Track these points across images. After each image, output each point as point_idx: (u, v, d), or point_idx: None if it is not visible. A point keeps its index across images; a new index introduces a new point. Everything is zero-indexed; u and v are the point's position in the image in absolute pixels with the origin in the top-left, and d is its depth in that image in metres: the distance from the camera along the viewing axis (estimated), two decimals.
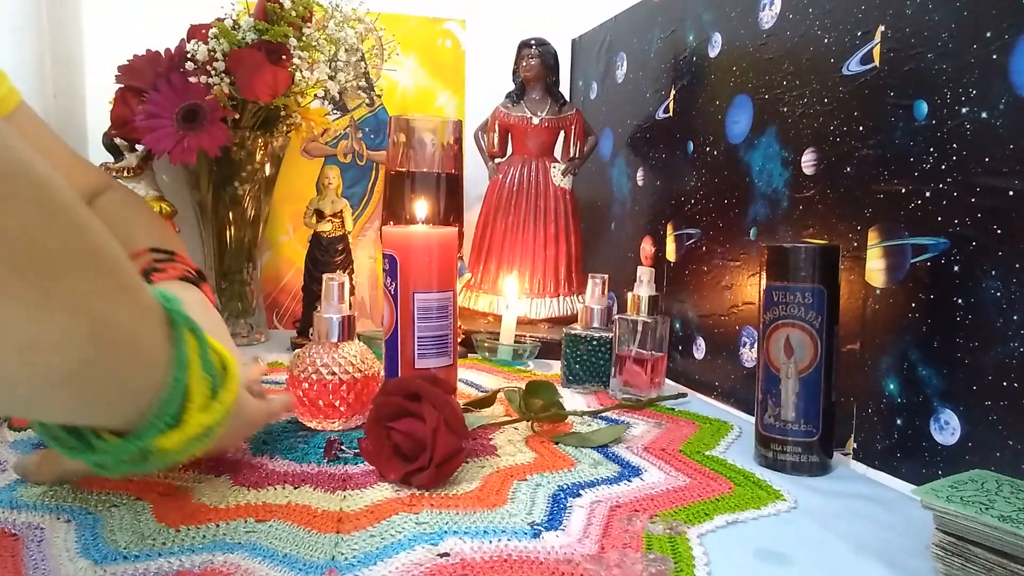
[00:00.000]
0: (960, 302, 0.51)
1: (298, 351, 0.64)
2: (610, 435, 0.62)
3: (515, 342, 0.93)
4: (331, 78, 0.91)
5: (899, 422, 0.56)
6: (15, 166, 0.27)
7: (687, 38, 0.88)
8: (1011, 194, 0.48)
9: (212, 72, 0.85)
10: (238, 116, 0.91)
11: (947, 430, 0.52)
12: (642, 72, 1.00)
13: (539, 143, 1.03)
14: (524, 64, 1.02)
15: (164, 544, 0.41)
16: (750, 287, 0.76)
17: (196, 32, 0.89)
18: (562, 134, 1.04)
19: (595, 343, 0.81)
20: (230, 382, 0.40)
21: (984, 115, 0.49)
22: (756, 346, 0.68)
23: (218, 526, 0.43)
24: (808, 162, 0.67)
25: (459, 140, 0.84)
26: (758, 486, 0.53)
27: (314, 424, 0.62)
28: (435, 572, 0.39)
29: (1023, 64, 0.47)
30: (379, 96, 1.16)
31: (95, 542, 0.41)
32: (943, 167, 0.52)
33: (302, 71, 0.87)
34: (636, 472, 0.55)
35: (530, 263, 1.03)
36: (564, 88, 1.09)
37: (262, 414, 0.54)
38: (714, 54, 0.82)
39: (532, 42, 1.02)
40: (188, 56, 0.85)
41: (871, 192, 0.59)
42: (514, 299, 0.98)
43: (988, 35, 0.49)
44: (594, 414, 0.70)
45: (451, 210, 0.82)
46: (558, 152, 1.06)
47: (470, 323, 1.02)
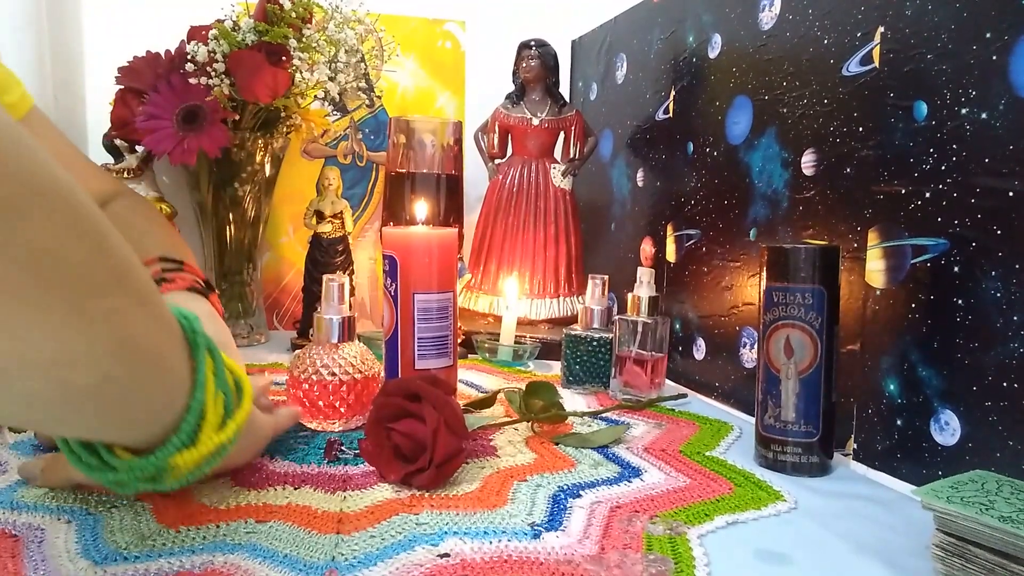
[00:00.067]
0: (960, 303, 0.51)
1: (298, 352, 0.64)
2: (610, 436, 0.62)
3: (515, 343, 0.93)
4: (331, 79, 0.91)
5: (899, 423, 0.56)
6: (44, 180, 0.27)
7: (687, 39, 0.88)
8: (1011, 195, 0.48)
9: (212, 73, 0.85)
10: (238, 117, 0.91)
11: (947, 431, 0.52)
12: (642, 73, 1.00)
13: (539, 144, 1.03)
14: (524, 65, 1.02)
15: (164, 545, 0.41)
16: (750, 288, 0.76)
17: (196, 33, 0.89)
18: (562, 135, 1.04)
19: (595, 344, 0.81)
20: (244, 401, 0.41)
21: (984, 116, 0.50)
22: (756, 347, 0.68)
23: (218, 527, 0.43)
24: (808, 163, 0.67)
25: (459, 141, 0.84)
26: (758, 487, 0.53)
27: (314, 425, 0.62)
28: (435, 573, 0.39)
29: (1023, 65, 0.47)
30: (379, 97, 1.16)
31: (95, 543, 0.41)
32: (943, 168, 0.52)
33: (302, 72, 0.87)
34: (636, 473, 0.55)
35: (530, 264, 1.03)
36: (564, 89, 1.09)
37: (270, 428, 0.54)
38: (714, 55, 0.82)
39: (532, 43, 1.02)
40: (188, 57, 0.85)
41: (871, 193, 0.59)
42: (514, 300, 0.98)
43: (988, 36, 0.49)
44: (594, 415, 0.70)
45: (451, 211, 0.82)
46: (558, 153, 1.06)
47: (470, 324, 1.02)
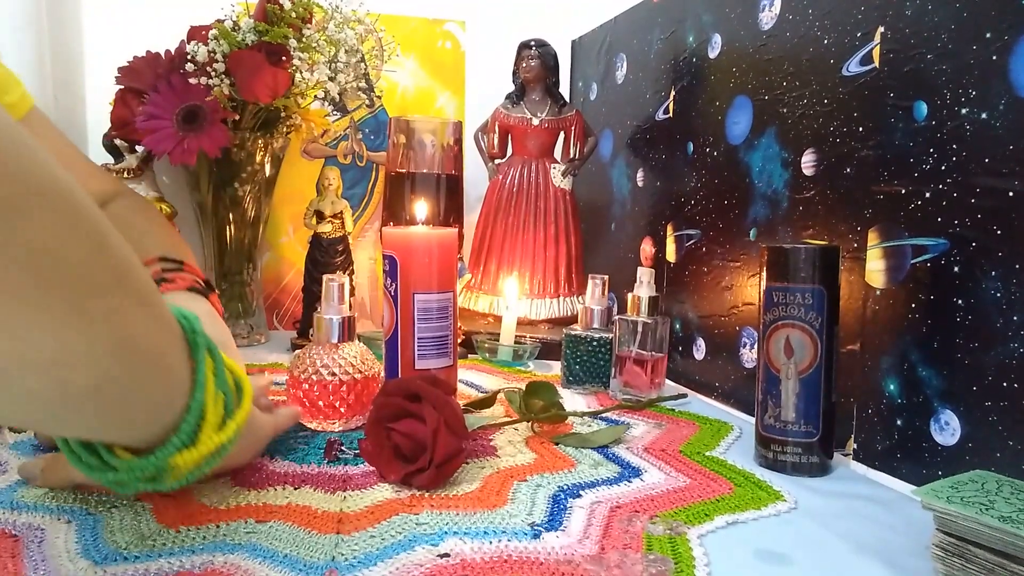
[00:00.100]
0: (960, 303, 0.51)
1: (298, 352, 0.64)
2: (610, 436, 0.62)
3: (515, 343, 0.93)
4: (331, 79, 0.91)
5: (899, 423, 0.56)
6: (44, 180, 0.27)
7: (687, 39, 0.88)
8: (1011, 195, 0.48)
9: (212, 73, 0.85)
10: (238, 117, 0.91)
11: (947, 431, 0.52)
12: (642, 73, 1.00)
13: (539, 144, 1.03)
14: (524, 65, 1.02)
15: (164, 545, 0.41)
16: (750, 288, 0.76)
17: (196, 33, 0.89)
18: (562, 135, 1.04)
19: (595, 344, 0.81)
20: (244, 401, 0.41)
21: (984, 116, 0.50)
22: (756, 347, 0.68)
23: (218, 527, 0.43)
24: (808, 163, 0.67)
25: (459, 141, 0.84)
26: (758, 487, 0.53)
27: (314, 425, 0.62)
28: (435, 573, 0.39)
29: (1023, 65, 0.47)
30: (379, 97, 1.16)
31: (95, 543, 0.41)
32: (943, 168, 0.52)
33: (302, 72, 0.87)
34: (636, 473, 0.55)
35: (530, 264, 1.03)
36: (564, 89, 1.09)
37: (270, 428, 0.54)
38: (714, 55, 0.82)
39: (532, 43, 1.02)
40: (188, 57, 0.85)
41: (871, 193, 0.59)
42: (514, 300, 0.98)
43: (988, 36, 0.49)
44: (594, 415, 0.70)
45: (451, 211, 0.82)
46: (558, 153, 1.06)
47: (470, 324, 1.02)
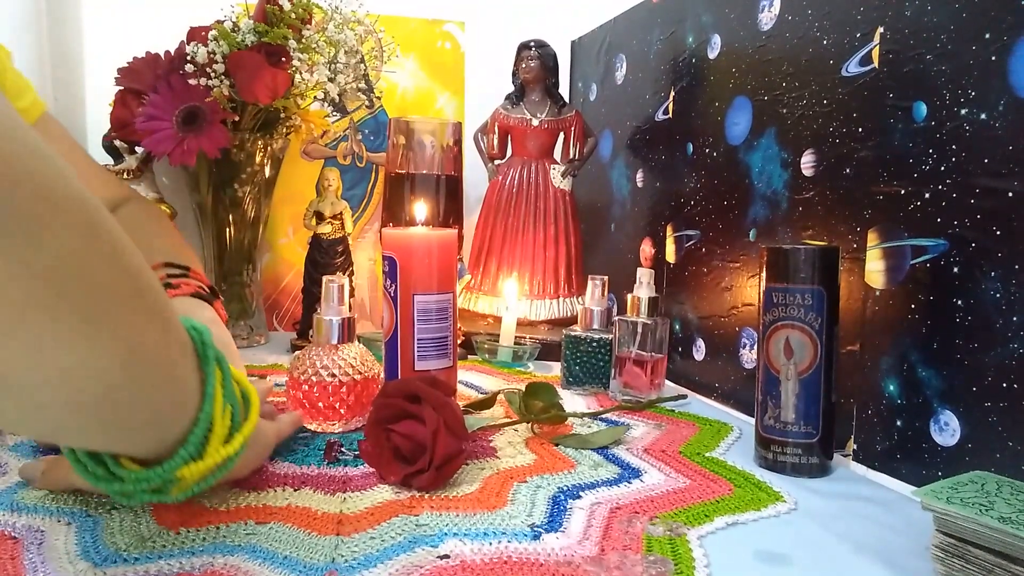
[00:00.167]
0: (960, 303, 0.51)
1: (298, 353, 0.64)
2: (610, 437, 0.62)
3: (515, 344, 0.93)
4: (331, 80, 0.91)
5: (899, 423, 0.56)
6: (64, 194, 0.27)
7: (686, 39, 0.88)
8: (1010, 195, 0.48)
9: (212, 74, 0.85)
10: (238, 118, 0.91)
11: (947, 431, 0.52)
12: (641, 73, 1.00)
13: (539, 145, 1.03)
14: (523, 66, 1.02)
15: (164, 546, 0.41)
16: (750, 288, 0.76)
17: (196, 34, 0.89)
18: (562, 136, 1.04)
19: (595, 345, 0.81)
20: (251, 414, 0.41)
21: (983, 116, 0.50)
22: (756, 347, 0.68)
23: (218, 528, 0.43)
24: (807, 163, 0.67)
25: (459, 142, 0.84)
26: (758, 487, 0.53)
27: (314, 426, 0.62)
28: (435, 574, 0.39)
29: (1022, 65, 0.47)
30: (379, 98, 1.16)
31: (95, 544, 0.41)
32: (942, 168, 0.52)
33: (302, 73, 0.87)
34: (636, 474, 0.55)
35: (530, 265, 1.03)
36: (564, 90, 1.09)
37: (273, 436, 0.54)
38: (713, 55, 0.82)
39: (531, 44, 1.02)
40: (188, 58, 0.85)
41: (870, 193, 0.59)
42: (514, 301, 0.98)
43: (987, 36, 0.49)
44: (594, 416, 0.70)
45: (451, 212, 0.82)
46: (558, 154, 1.06)
47: (470, 325, 1.02)
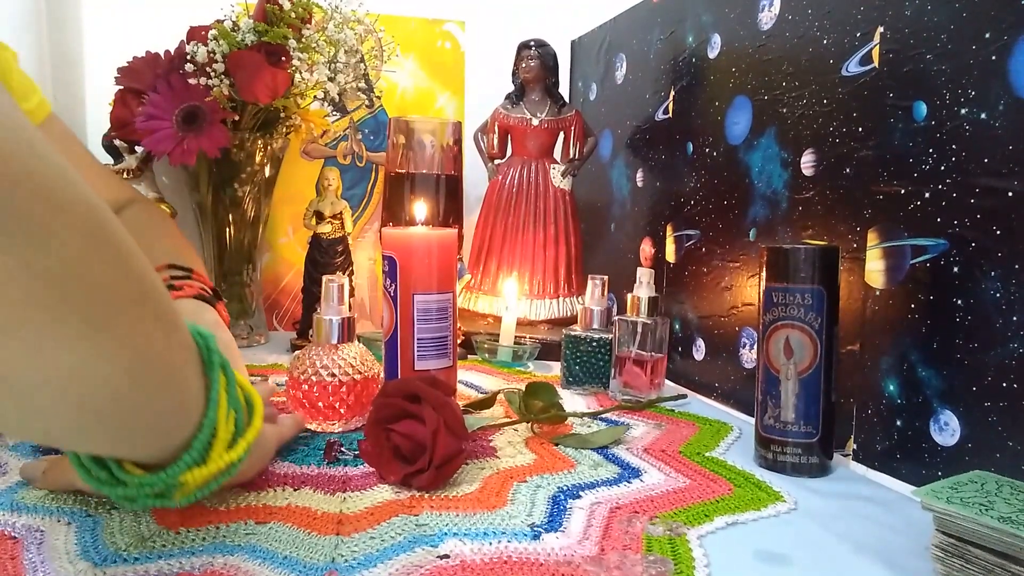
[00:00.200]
0: (959, 303, 0.51)
1: (298, 353, 0.64)
2: (610, 436, 0.62)
3: (515, 343, 0.93)
4: (331, 80, 0.91)
5: (899, 423, 0.56)
6: (72, 199, 0.27)
7: (686, 39, 0.88)
8: (1010, 195, 0.48)
9: (212, 74, 0.85)
10: (238, 118, 0.91)
11: (947, 431, 0.52)
12: (641, 73, 1.00)
13: (539, 144, 1.03)
14: (523, 65, 1.02)
15: (164, 546, 0.41)
16: (750, 288, 0.76)
17: (196, 34, 0.89)
18: (562, 135, 1.04)
19: (595, 344, 0.81)
20: (254, 419, 0.41)
21: (983, 116, 0.49)
22: (756, 347, 0.68)
23: (218, 528, 0.43)
24: (807, 163, 0.67)
25: (459, 141, 0.84)
26: (758, 487, 0.53)
27: (314, 426, 0.62)
28: (435, 574, 0.39)
29: (1022, 65, 0.47)
30: (379, 98, 1.16)
31: (95, 544, 0.41)
32: (942, 168, 0.52)
33: (301, 73, 0.87)
34: (636, 473, 0.55)
35: (530, 264, 1.03)
36: (564, 89, 1.09)
37: (275, 440, 0.53)
38: (713, 55, 0.82)
39: (531, 43, 1.02)
40: (188, 58, 0.85)
41: (870, 193, 0.59)
42: (514, 300, 0.98)
43: (987, 36, 0.49)
44: (594, 415, 0.70)
45: (451, 211, 0.82)
46: (558, 153, 1.06)
47: (470, 324, 1.02)
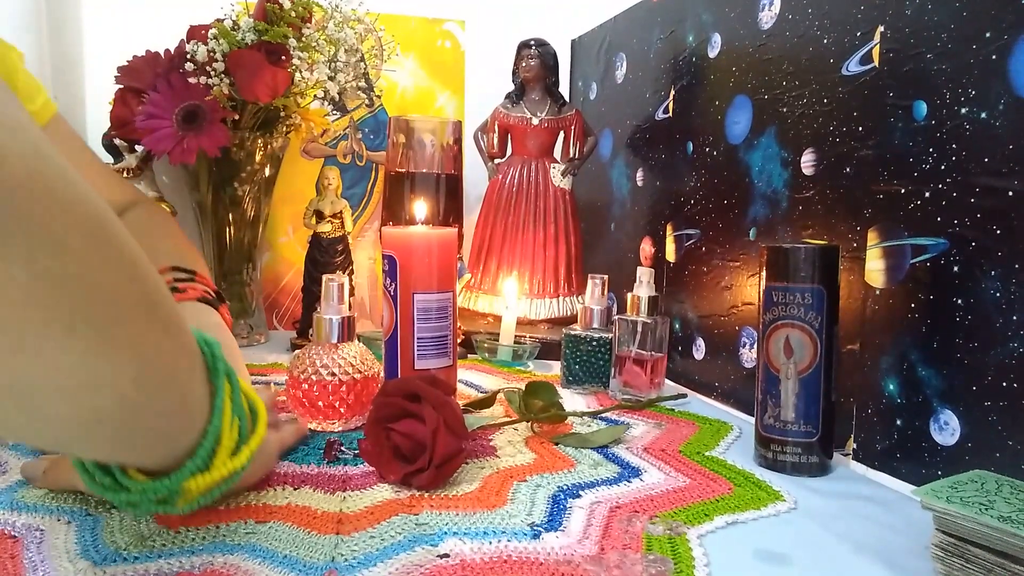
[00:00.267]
0: (960, 302, 0.51)
1: (298, 352, 0.64)
2: (610, 436, 0.62)
3: (515, 343, 0.93)
4: (331, 79, 0.91)
5: (899, 422, 0.56)
6: (82, 208, 0.27)
7: (687, 38, 0.88)
8: (1010, 194, 0.48)
9: (212, 73, 0.85)
10: (238, 117, 0.91)
11: (947, 430, 0.52)
12: (642, 72, 1.00)
13: (539, 144, 1.03)
14: (524, 64, 1.02)
15: (164, 545, 0.41)
16: (750, 287, 0.76)
17: (196, 33, 0.89)
18: (562, 134, 1.04)
19: (595, 344, 0.81)
20: (258, 427, 0.41)
21: (983, 115, 0.49)
22: (756, 346, 0.68)
23: (218, 527, 0.43)
24: (808, 162, 0.67)
25: (459, 141, 0.84)
26: (758, 487, 0.53)
27: (314, 425, 0.62)
28: (435, 573, 0.39)
29: (1022, 65, 0.47)
30: (379, 97, 1.16)
31: (95, 543, 0.41)
32: (942, 167, 0.52)
33: (302, 72, 0.87)
34: (636, 473, 0.55)
35: (530, 264, 1.03)
36: (564, 88, 1.09)
37: (276, 448, 0.53)
38: (713, 54, 0.82)
39: (531, 43, 1.02)
40: (188, 57, 0.85)
41: (870, 192, 0.59)
42: (514, 300, 0.98)
43: (988, 35, 0.49)
44: (594, 415, 0.70)
45: (451, 211, 0.82)
46: (558, 153, 1.06)
47: (470, 324, 1.02)
